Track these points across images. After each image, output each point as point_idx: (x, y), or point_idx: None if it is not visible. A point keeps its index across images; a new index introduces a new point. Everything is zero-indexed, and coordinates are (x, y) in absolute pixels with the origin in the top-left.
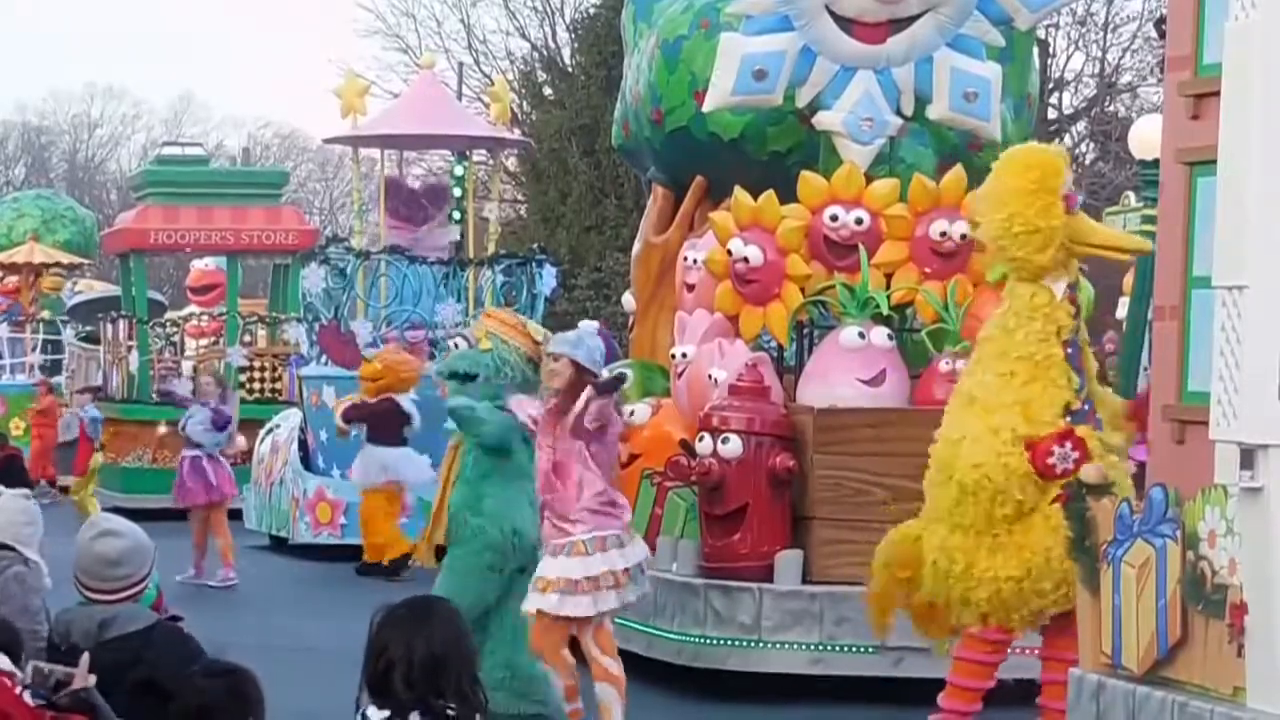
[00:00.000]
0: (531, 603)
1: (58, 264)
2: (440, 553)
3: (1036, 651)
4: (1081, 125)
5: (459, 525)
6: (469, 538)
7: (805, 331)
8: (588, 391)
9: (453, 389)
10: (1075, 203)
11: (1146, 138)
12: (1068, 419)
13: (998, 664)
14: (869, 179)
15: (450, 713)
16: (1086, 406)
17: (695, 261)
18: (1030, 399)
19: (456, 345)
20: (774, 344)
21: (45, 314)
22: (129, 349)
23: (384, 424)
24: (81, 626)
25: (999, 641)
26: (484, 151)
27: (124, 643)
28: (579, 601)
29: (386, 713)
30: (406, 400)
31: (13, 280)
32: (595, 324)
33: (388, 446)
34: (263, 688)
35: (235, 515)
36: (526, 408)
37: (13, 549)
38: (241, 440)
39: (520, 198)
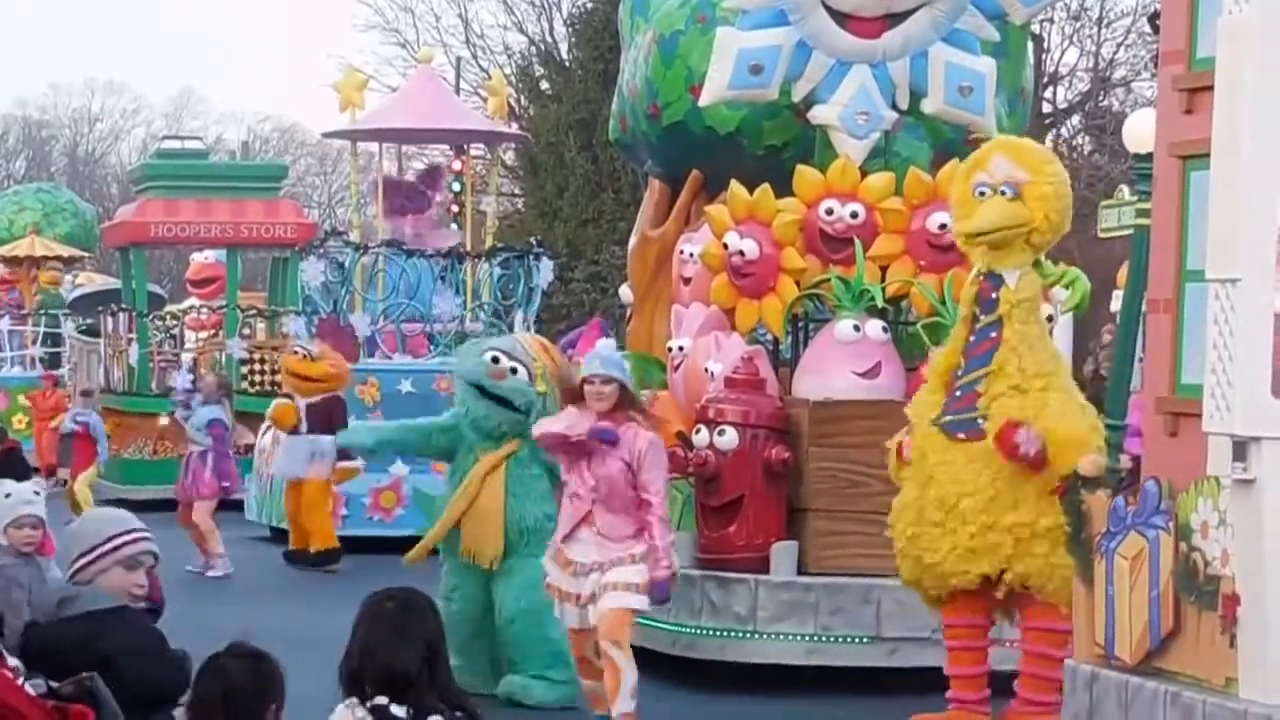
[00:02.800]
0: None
1: (57, 257)
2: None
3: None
4: (1076, 119)
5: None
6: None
7: (801, 324)
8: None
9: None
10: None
11: (1140, 132)
12: (946, 401)
13: (983, 648)
14: (864, 173)
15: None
16: (958, 394)
17: (691, 255)
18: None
19: (515, 372)
20: (770, 337)
21: (38, 300)
22: (129, 342)
23: (333, 416)
24: (41, 605)
25: (972, 626)
26: (482, 145)
27: (82, 621)
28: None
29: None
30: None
31: (13, 271)
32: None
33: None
34: (284, 674)
35: (236, 506)
36: (552, 426)
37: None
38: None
39: (518, 191)
